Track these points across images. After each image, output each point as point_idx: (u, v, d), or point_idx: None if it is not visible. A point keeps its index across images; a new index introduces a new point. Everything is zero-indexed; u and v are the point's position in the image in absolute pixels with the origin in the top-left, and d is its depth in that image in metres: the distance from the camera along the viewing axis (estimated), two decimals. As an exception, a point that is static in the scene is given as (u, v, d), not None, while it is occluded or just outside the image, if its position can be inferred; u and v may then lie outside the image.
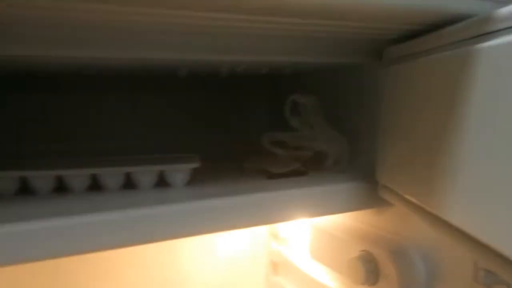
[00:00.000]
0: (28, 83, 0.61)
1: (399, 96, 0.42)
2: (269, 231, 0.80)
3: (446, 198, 0.34)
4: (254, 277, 0.81)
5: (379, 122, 0.46)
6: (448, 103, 0.34)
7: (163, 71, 0.55)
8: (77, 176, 0.43)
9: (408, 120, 0.40)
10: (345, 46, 0.45)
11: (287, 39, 0.42)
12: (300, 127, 0.53)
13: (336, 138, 0.52)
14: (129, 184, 0.44)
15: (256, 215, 0.43)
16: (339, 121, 0.54)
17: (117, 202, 0.39)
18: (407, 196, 0.41)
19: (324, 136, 0.52)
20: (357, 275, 0.50)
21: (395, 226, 0.50)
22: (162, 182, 0.45)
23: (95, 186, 0.44)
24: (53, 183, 0.43)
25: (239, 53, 0.42)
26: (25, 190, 0.43)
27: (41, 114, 0.65)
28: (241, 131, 0.76)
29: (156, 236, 0.38)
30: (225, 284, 0.79)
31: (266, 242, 0.81)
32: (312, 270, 0.65)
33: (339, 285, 0.58)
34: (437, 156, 0.35)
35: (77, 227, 0.35)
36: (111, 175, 0.43)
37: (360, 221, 0.56)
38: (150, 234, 0.38)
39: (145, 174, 0.44)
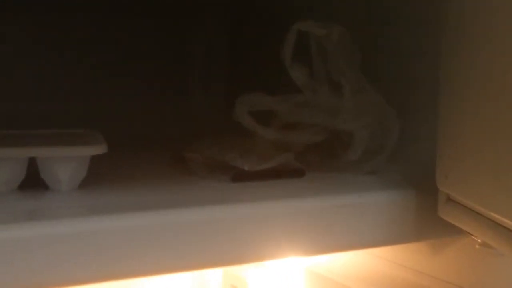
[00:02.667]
0: None
1: (476, 27, 0.34)
2: (226, 281, 0.67)
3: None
4: None
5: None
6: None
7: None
8: None
9: (495, 65, 0.31)
10: None
11: None
12: (308, 85, 0.41)
13: (381, 110, 0.42)
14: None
15: (205, 249, 0.33)
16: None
17: None
18: (492, 214, 0.32)
19: (358, 103, 0.41)
20: None
21: (465, 274, 0.42)
22: (32, 182, 0.36)
23: None
24: None
25: None
26: None
27: None
28: (180, 94, 0.67)
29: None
30: None
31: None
32: None
33: None
34: None
35: None
36: None
37: (397, 264, 0.47)
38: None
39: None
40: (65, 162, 0.35)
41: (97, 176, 0.37)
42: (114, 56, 0.65)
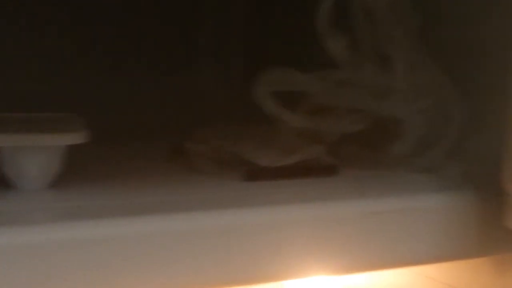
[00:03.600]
0: None
1: None
2: None
3: None
4: None
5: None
6: None
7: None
8: None
9: None
10: None
11: None
12: (348, 60, 0.36)
13: (440, 93, 0.37)
14: None
15: (207, 265, 0.28)
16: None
17: None
18: None
19: (411, 82, 0.37)
20: None
21: None
22: None
23: None
24: None
25: None
26: None
27: None
28: (186, 65, 0.60)
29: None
30: None
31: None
32: None
33: None
34: None
35: None
36: None
37: (451, 284, 0.42)
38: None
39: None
40: (33, 153, 0.30)
41: (75, 172, 0.33)
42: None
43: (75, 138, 0.30)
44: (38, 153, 0.30)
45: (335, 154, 0.37)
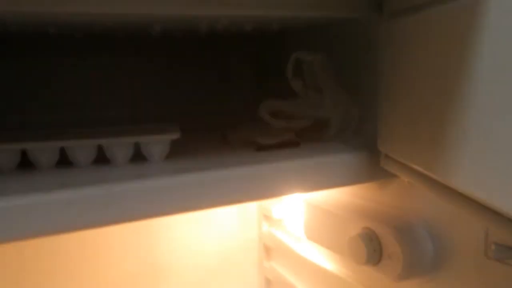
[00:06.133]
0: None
1: (399, 54, 0.42)
2: (260, 212, 0.81)
3: (454, 164, 0.35)
4: (245, 262, 0.83)
5: (380, 84, 0.46)
6: (456, 60, 0.34)
7: (134, 30, 0.55)
8: (43, 150, 0.43)
9: (411, 81, 0.40)
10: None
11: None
12: (303, 91, 0.52)
13: (346, 103, 0.51)
14: (102, 158, 0.44)
15: (244, 190, 0.43)
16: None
17: (89, 177, 0.39)
18: (412, 165, 0.41)
19: (333, 101, 0.51)
20: (358, 254, 0.50)
21: (399, 200, 0.51)
22: (138, 156, 0.45)
23: (63, 161, 0.44)
24: (17, 158, 0.43)
25: (219, 6, 0.42)
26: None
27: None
28: (222, 97, 0.77)
29: (133, 215, 0.38)
30: (212, 270, 0.81)
31: (257, 224, 0.82)
32: (309, 253, 0.67)
33: (339, 266, 0.60)
34: (444, 119, 0.36)
35: (45, 205, 0.35)
36: (82, 149, 0.43)
37: (359, 196, 0.57)
38: (127, 213, 0.38)
39: (119, 146, 0.44)
40: (157, 144, 0.45)
41: (176, 152, 0.46)
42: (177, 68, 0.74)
43: (176, 135, 0.45)
44: (159, 143, 0.45)
45: (298, 137, 0.52)
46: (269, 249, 0.80)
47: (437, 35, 0.37)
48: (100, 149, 0.44)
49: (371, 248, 0.49)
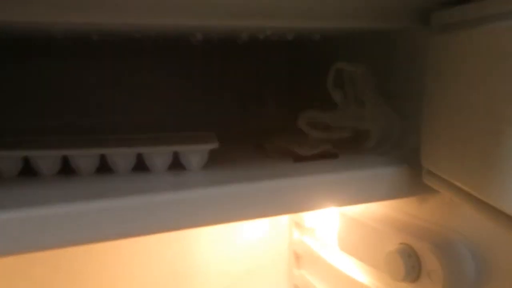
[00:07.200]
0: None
1: (448, 70, 0.41)
2: (291, 219, 0.81)
3: (504, 186, 0.34)
4: (275, 270, 0.82)
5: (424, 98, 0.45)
6: (509, 80, 0.33)
7: (174, 37, 0.55)
8: (84, 157, 0.43)
9: (461, 99, 0.40)
10: (385, 7, 0.45)
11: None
12: (343, 103, 0.51)
13: (388, 116, 0.50)
14: (140, 166, 0.44)
15: (281, 203, 0.43)
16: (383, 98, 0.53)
17: (129, 186, 0.40)
18: (457, 183, 0.41)
19: (374, 113, 0.50)
20: (396, 270, 0.50)
21: (439, 216, 0.50)
22: (175, 165, 0.45)
23: (102, 168, 0.44)
24: (58, 165, 0.43)
25: (264, 18, 0.41)
26: (23, 171, 0.43)
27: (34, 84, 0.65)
28: (258, 106, 0.76)
29: (171, 225, 0.39)
30: (242, 277, 0.81)
31: (288, 231, 0.82)
32: (341, 263, 0.66)
33: (373, 280, 0.59)
34: (494, 138, 0.35)
35: (84, 214, 0.36)
36: (122, 156, 0.43)
37: (397, 209, 0.56)
38: (165, 223, 0.38)
39: (159, 155, 0.44)
40: (196, 153, 0.45)
41: (213, 161, 0.46)
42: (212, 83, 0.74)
43: (214, 145, 0.45)
44: (197, 153, 0.45)
45: (336, 148, 0.51)
46: (299, 257, 0.80)
47: (492, 53, 0.36)
48: (139, 156, 0.44)
49: (409, 265, 0.49)
